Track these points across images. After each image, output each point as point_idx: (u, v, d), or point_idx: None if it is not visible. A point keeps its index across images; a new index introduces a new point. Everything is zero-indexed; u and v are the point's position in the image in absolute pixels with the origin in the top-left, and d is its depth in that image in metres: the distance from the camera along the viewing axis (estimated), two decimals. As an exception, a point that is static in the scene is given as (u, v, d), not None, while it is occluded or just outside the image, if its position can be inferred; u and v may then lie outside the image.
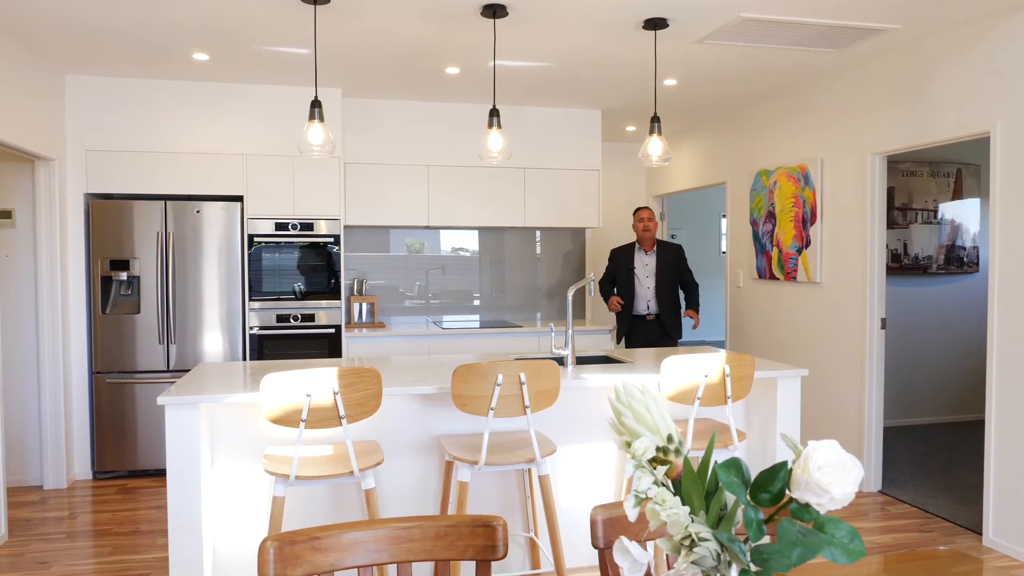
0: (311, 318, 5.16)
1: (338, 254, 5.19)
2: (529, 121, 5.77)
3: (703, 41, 4.05)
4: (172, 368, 4.92)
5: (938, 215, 6.15)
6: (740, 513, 0.90)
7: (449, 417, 3.23)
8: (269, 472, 2.64)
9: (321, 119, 3.41)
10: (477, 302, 6.14)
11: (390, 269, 5.97)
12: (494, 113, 3.70)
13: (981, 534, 3.80)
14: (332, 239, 5.17)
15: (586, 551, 3.40)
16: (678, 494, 0.94)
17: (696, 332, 10.16)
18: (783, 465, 0.85)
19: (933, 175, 6.13)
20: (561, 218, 5.85)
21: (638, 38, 4.03)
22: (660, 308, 5.18)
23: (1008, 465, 3.57)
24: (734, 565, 0.87)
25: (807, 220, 5.02)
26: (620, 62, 4.52)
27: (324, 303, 5.18)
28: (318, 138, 3.36)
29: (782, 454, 3.43)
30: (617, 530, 1.55)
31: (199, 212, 4.94)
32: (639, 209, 5.28)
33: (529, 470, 3.26)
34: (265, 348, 5.10)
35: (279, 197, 5.09)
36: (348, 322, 5.64)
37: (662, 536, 0.99)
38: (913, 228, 6.11)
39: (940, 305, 6.23)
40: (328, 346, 5.18)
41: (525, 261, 6.23)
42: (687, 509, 0.88)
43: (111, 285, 4.86)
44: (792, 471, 0.81)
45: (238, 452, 3.06)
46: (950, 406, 6.30)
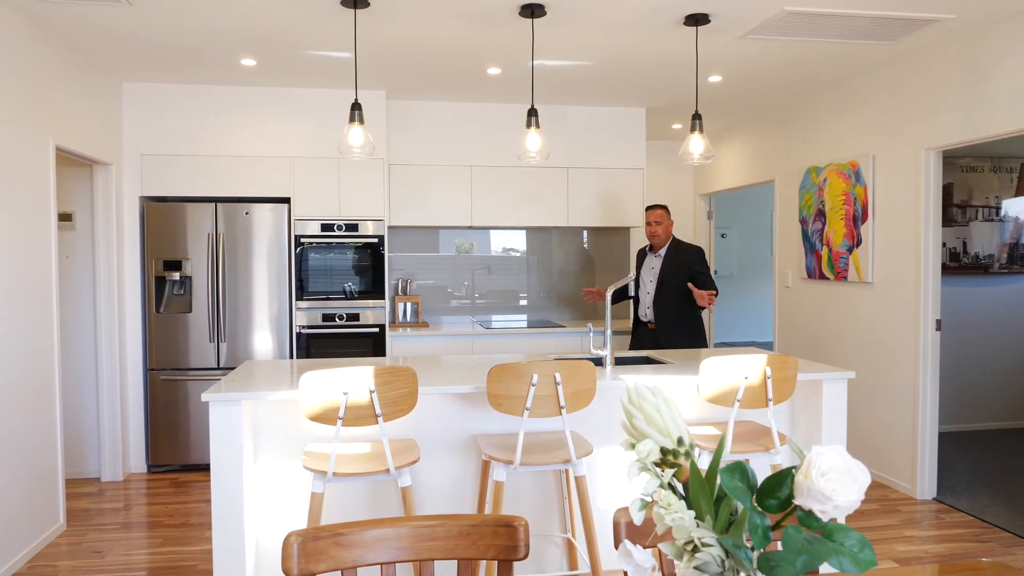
0: (356, 317, 5.24)
1: (382, 254, 5.25)
2: (572, 120, 5.75)
3: (747, 36, 3.97)
4: (222, 366, 5.06)
5: (1000, 212, 5.90)
6: (751, 519, 0.88)
7: (486, 416, 3.24)
8: (308, 468, 2.69)
9: (361, 121, 3.46)
10: (524, 302, 6.14)
11: (438, 269, 6.01)
12: (532, 113, 3.69)
13: (1042, 545, 3.64)
14: (376, 239, 5.24)
15: (624, 553, 3.36)
16: (688, 498, 0.92)
17: (742, 333, 9.97)
18: (790, 471, 0.83)
19: (995, 170, 5.89)
20: (605, 217, 5.81)
21: (680, 34, 3.97)
22: (656, 316, 4.62)
23: (1071, 474, 3.41)
24: (741, 573, 0.85)
25: (858, 218, 4.88)
26: (662, 59, 4.46)
27: (369, 303, 5.25)
28: (358, 140, 3.41)
29: (827, 458, 3.33)
30: (642, 533, 1.53)
31: (248, 214, 5.07)
32: (648, 208, 4.81)
33: (566, 471, 3.25)
34: (311, 347, 5.20)
35: (325, 199, 5.18)
36: (392, 321, 5.70)
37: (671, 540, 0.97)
38: (973, 226, 5.87)
39: (1001, 306, 5.98)
40: (372, 345, 5.25)
41: (573, 261, 6.21)
42: (692, 514, 0.86)
43: (164, 285, 5.02)
44: (795, 477, 0.79)
45: (280, 448, 3.13)
46: (1010, 411, 6.04)
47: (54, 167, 3.92)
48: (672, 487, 0.93)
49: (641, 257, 4.92)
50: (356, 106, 3.48)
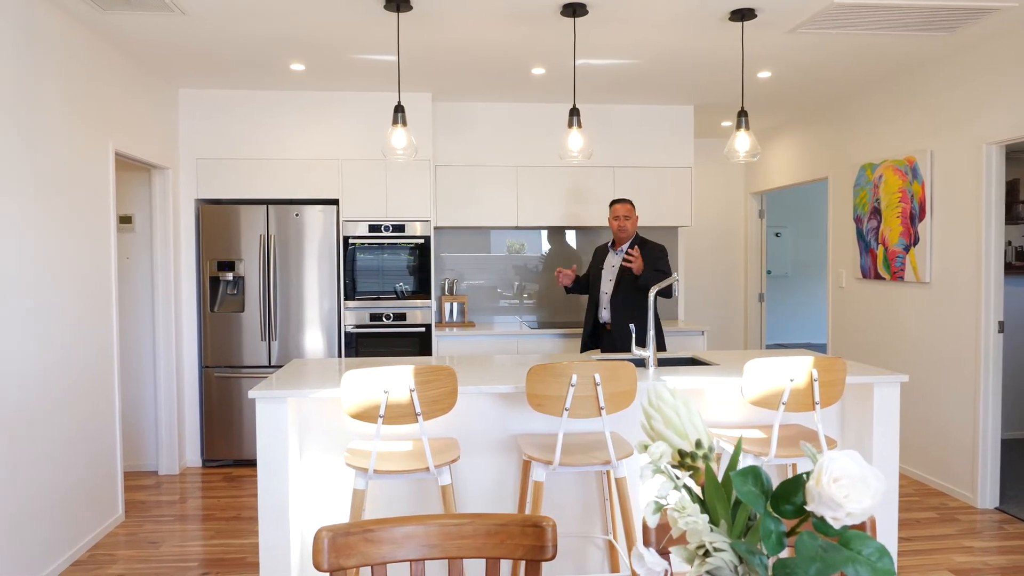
0: (403, 317, 5.30)
1: (429, 254, 5.31)
2: (618, 119, 5.71)
3: (796, 31, 3.88)
4: (274, 364, 5.18)
5: (1070, 209, 5.63)
6: (771, 524, 0.86)
7: (528, 416, 3.24)
8: (349, 465, 2.74)
9: (404, 123, 3.50)
10: (572, 302, 6.11)
11: (487, 269, 6.03)
12: (574, 112, 3.68)
13: (1112, 559, 3.46)
14: (423, 240, 5.30)
15: (667, 557, 3.33)
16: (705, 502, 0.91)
17: (797, 334, 9.73)
18: (804, 475, 0.81)
19: (1065, 165, 5.62)
20: (652, 217, 5.75)
21: (726, 30, 3.90)
22: (612, 317, 4.35)
23: None
24: (756, 578, 0.83)
25: (915, 216, 4.71)
26: (710, 56, 4.39)
27: (415, 302, 5.31)
28: (401, 142, 3.45)
29: (879, 463, 3.24)
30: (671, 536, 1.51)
31: (298, 215, 5.18)
32: (614, 203, 4.45)
33: (607, 472, 3.22)
34: (360, 345, 5.28)
35: (372, 200, 5.26)
36: (439, 321, 5.75)
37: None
38: (1040, 223, 5.62)
39: (1072, 307, 5.70)
40: (419, 344, 5.31)
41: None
42: (706, 517, 0.85)
43: (218, 285, 5.18)
44: (806, 483, 0.77)
45: (324, 445, 3.19)
46: (1082, 418, 5.76)
47: (113, 171, 4.08)
48: (690, 490, 0.92)
49: (601, 254, 4.61)
50: (399, 108, 3.53)
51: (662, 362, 3.79)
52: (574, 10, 3.51)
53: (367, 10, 3.57)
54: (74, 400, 3.67)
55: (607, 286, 4.44)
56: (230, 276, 5.14)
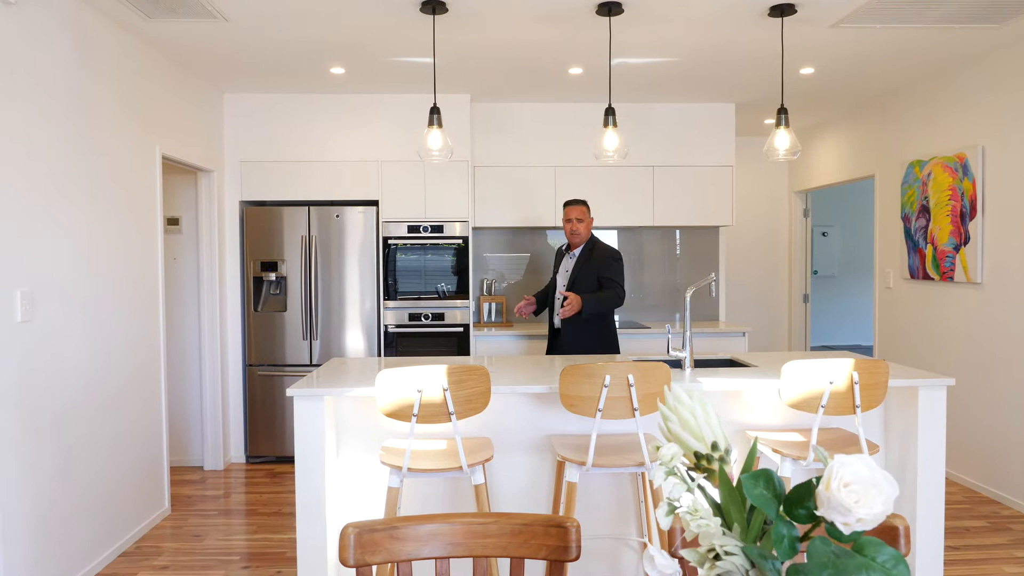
0: (441, 317, 5.34)
1: (468, 255, 5.34)
2: (657, 118, 5.66)
3: (838, 25, 3.79)
4: (315, 362, 5.27)
5: None
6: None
7: (562, 417, 3.23)
8: (384, 463, 2.77)
9: (439, 125, 3.53)
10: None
11: (529, 269, 6.02)
12: (609, 112, 3.67)
13: None
14: (461, 240, 5.33)
15: (703, 560, 3.28)
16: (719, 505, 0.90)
17: (844, 336, 9.51)
18: (815, 480, 0.79)
19: None
20: (692, 216, 5.69)
21: (765, 26, 3.84)
22: (562, 323, 4.20)
23: None
24: (769, 583, 0.82)
25: (966, 214, 4.57)
26: (749, 53, 4.33)
27: (454, 302, 5.35)
28: (436, 143, 3.48)
29: (924, 468, 3.14)
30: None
31: (339, 216, 5.26)
32: (567, 204, 4.29)
33: (642, 473, 3.20)
34: (399, 345, 5.34)
35: (411, 201, 5.32)
36: (477, 321, 5.78)
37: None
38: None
39: None
40: (457, 344, 5.34)
41: (663, 261, 6.09)
42: (718, 521, 0.84)
43: (262, 285, 5.29)
44: (816, 487, 0.76)
45: (361, 443, 3.23)
46: None
47: (160, 174, 4.20)
48: (707, 493, 0.91)
49: (559, 257, 4.47)
50: (435, 110, 3.55)
51: (699, 363, 3.74)
52: (609, 9, 3.49)
53: (403, 13, 3.61)
54: (123, 398, 3.79)
55: (560, 291, 4.29)
56: (273, 276, 5.25)
